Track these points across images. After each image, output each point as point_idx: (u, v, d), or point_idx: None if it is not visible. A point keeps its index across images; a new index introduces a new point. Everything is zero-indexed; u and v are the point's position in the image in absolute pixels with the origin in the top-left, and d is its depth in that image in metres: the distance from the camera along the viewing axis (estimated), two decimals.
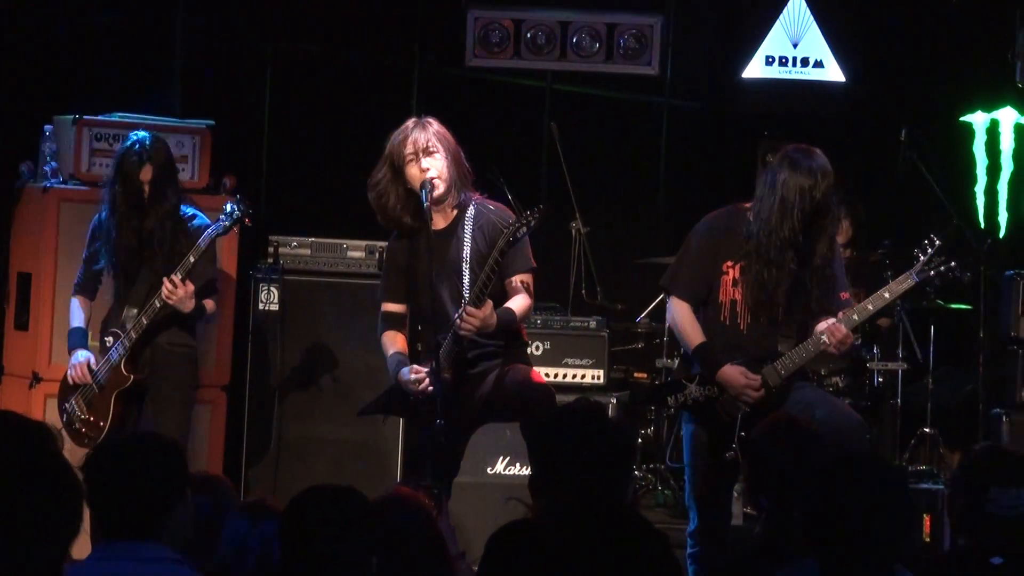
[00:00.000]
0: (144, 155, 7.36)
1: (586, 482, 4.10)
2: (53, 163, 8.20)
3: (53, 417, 7.67)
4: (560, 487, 4.13)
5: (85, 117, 8.16)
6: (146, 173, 7.37)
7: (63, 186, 8.10)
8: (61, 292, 7.96)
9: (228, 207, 7.27)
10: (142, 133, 7.52)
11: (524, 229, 6.42)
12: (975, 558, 4.63)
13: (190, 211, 7.58)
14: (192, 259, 7.24)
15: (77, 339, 7.55)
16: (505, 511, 6.60)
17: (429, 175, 6.64)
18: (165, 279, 7.23)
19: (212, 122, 8.41)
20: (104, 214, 7.45)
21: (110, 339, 7.45)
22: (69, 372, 7.50)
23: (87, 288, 7.62)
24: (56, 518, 3.06)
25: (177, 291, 7.23)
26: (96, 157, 8.11)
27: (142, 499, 3.98)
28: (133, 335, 7.35)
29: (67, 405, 7.52)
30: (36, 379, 7.99)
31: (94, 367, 7.45)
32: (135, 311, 7.37)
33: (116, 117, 8.27)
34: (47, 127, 8.30)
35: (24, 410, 7.66)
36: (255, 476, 8.44)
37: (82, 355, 7.49)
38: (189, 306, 7.30)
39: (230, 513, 4.56)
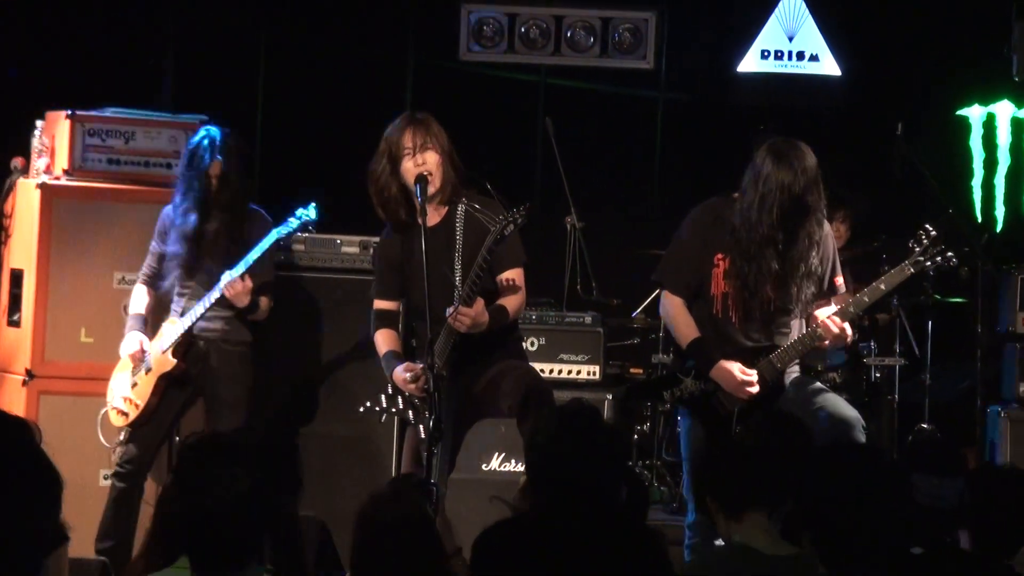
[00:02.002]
0: (214, 150, 7.46)
1: (580, 482, 4.12)
2: (45, 158, 8.18)
3: (48, 415, 7.75)
4: (554, 487, 4.14)
5: (78, 112, 8.16)
6: (215, 168, 7.47)
7: (56, 182, 8.08)
8: (54, 289, 7.98)
9: (298, 211, 7.38)
10: (214, 129, 7.63)
11: (511, 227, 6.45)
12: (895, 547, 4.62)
13: (256, 209, 7.72)
14: (255, 255, 7.35)
15: (135, 323, 7.69)
16: (497, 509, 6.62)
17: (424, 170, 6.67)
18: (227, 272, 7.37)
19: (205, 116, 8.41)
20: (174, 206, 7.55)
21: (168, 327, 7.59)
22: (123, 350, 7.64)
23: (152, 278, 7.75)
24: (34, 511, 3.07)
25: (235, 284, 7.39)
26: (89, 152, 8.11)
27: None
28: (188, 322, 7.50)
29: (114, 383, 7.69)
30: (30, 376, 7.99)
31: (147, 349, 7.60)
32: (193, 302, 7.51)
33: (109, 112, 8.26)
34: (39, 122, 8.28)
35: (18, 409, 7.70)
36: None
37: (135, 336, 7.63)
38: (244, 301, 7.47)
39: None
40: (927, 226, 6.73)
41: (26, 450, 3.11)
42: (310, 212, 7.36)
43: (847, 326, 6.70)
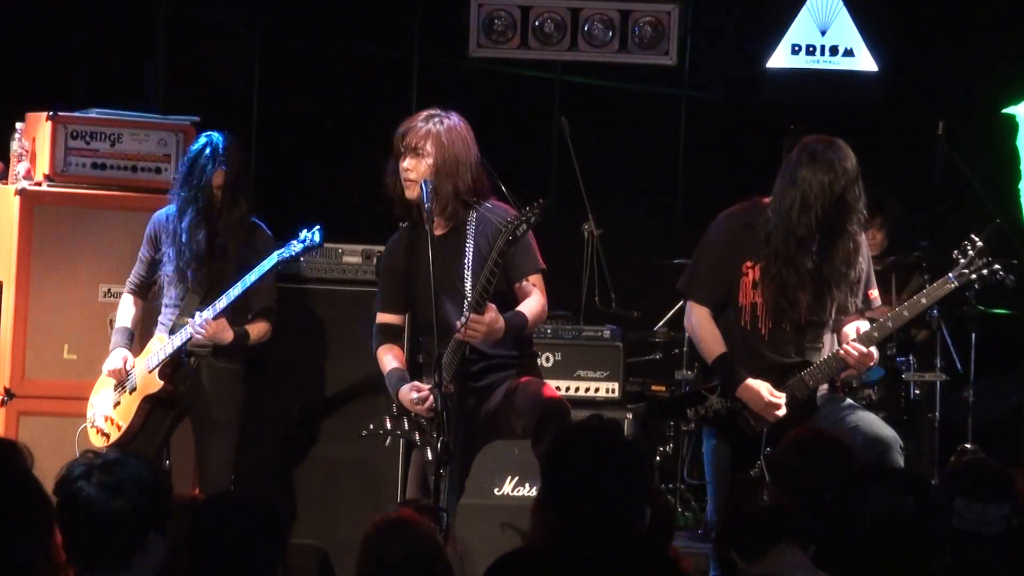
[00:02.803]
0: (217, 159, 7.48)
1: (598, 505, 4.13)
2: (26, 162, 8.20)
3: (29, 437, 7.72)
4: (570, 509, 4.15)
5: (60, 113, 8.17)
6: (219, 178, 7.51)
7: (37, 188, 8.11)
8: (35, 303, 7.99)
9: (303, 233, 7.37)
10: (216, 135, 7.63)
11: (524, 226, 6.36)
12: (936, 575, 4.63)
13: (258, 223, 7.73)
14: (252, 278, 7.37)
15: (120, 338, 7.72)
16: (510, 537, 6.63)
17: (407, 175, 6.67)
18: (199, 314, 7.40)
19: (196, 118, 8.43)
20: (172, 216, 7.57)
21: (155, 344, 7.59)
22: (105, 367, 7.65)
23: (141, 289, 7.79)
24: (23, 534, 3.09)
25: (206, 329, 7.40)
26: (72, 156, 8.12)
27: (116, 527, 3.75)
28: (177, 341, 7.50)
29: (95, 399, 7.70)
30: (9, 395, 8.01)
31: (130, 368, 7.61)
32: (185, 319, 7.52)
33: (94, 113, 8.28)
34: (19, 123, 8.30)
35: None
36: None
37: (120, 353, 7.66)
38: (226, 338, 7.49)
39: None
40: (972, 236, 6.75)
41: (14, 473, 3.13)
42: (314, 235, 7.35)
43: (873, 350, 6.72)
